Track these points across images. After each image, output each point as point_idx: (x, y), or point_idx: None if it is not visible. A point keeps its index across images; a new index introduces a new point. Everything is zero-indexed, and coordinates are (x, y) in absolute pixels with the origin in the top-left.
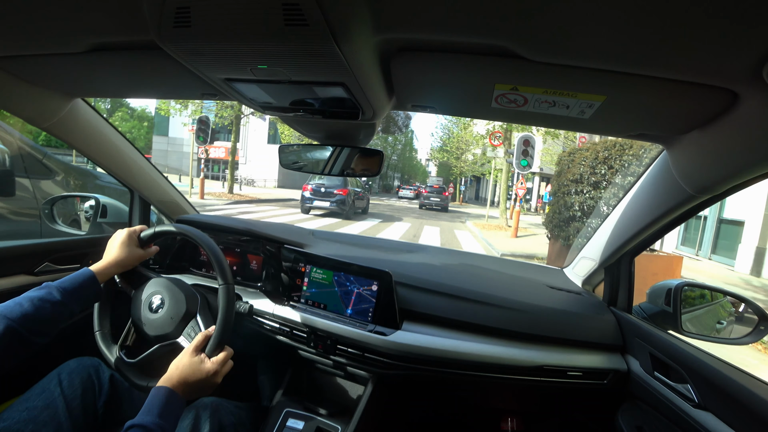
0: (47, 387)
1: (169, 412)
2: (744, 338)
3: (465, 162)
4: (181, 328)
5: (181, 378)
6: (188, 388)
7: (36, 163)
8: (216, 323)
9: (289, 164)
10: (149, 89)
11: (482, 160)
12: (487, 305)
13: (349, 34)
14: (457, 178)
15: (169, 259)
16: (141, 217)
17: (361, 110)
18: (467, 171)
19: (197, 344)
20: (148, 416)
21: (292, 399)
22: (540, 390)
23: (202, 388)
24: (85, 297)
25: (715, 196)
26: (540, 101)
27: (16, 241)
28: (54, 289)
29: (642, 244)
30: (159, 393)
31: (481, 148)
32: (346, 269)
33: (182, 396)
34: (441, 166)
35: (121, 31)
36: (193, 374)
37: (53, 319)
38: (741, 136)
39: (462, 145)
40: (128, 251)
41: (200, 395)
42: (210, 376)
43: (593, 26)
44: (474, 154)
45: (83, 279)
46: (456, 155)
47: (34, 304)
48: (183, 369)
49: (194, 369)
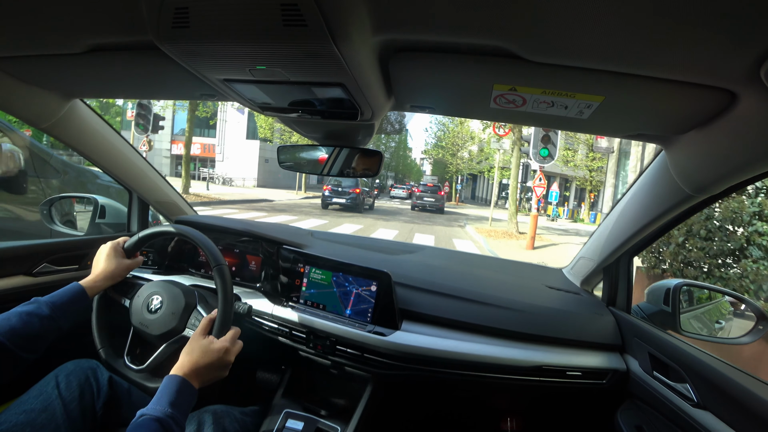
0: (45, 389)
1: (180, 401)
2: (742, 338)
3: (461, 159)
4: (184, 321)
5: (193, 363)
6: (201, 372)
7: (44, 164)
8: (218, 307)
9: (288, 164)
10: (148, 90)
11: (479, 157)
12: (487, 305)
13: (347, 34)
14: (453, 176)
15: (167, 260)
16: (139, 218)
17: (359, 111)
18: (464, 168)
19: (203, 328)
20: (159, 405)
21: (291, 399)
22: (539, 390)
23: (215, 369)
24: (74, 311)
25: (713, 196)
26: (538, 101)
27: (14, 242)
28: (43, 303)
29: (641, 244)
30: (170, 382)
31: (477, 144)
32: (345, 270)
33: (198, 382)
34: (436, 164)
35: (120, 31)
36: (204, 356)
37: (42, 334)
38: (739, 136)
39: (458, 140)
40: (116, 263)
41: (215, 376)
42: (222, 354)
43: (591, 27)
44: (470, 151)
45: (72, 293)
46: (452, 151)
47: (23, 320)
48: (193, 354)
49: (204, 351)
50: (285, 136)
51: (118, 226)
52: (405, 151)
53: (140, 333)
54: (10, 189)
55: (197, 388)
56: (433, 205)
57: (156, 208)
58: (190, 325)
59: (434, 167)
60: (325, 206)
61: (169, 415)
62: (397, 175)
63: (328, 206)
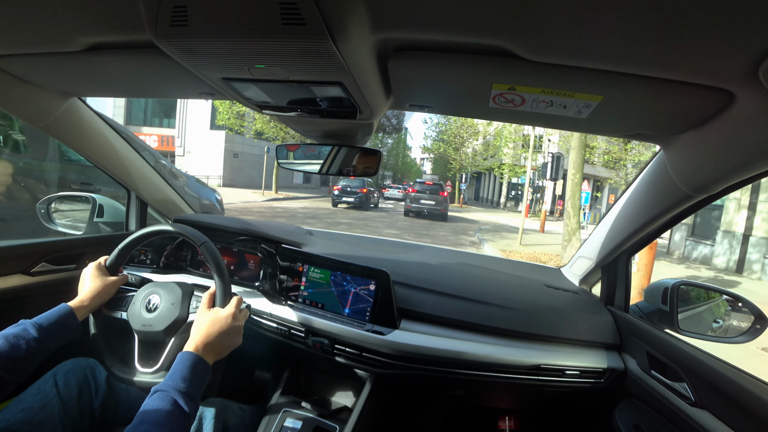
0: (43, 388)
1: (193, 376)
2: (740, 337)
3: (465, 155)
4: (186, 308)
5: (203, 336)
6: (214, 344)
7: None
8: (214, 281)
9: (287, 163)
10: (146, 88)
11: (486, 153)
12: (485, 304)
13: (346, 33)
14: (456, 174)
15: (165, 259)
16: (138, 217)
17: (358, 110)
18: (468, 165)
19: (206, 303)
20: (171, 381)
21: (290, 399)
22: (537, 389)
23: (228, 336)
24: (61, 333)
25: (711, 196)
26: (537, 101)
27: (11, 240)
28: (30, 325)
29: (639, 243)
30: (183, 358)
31: (482, 137)
32: (344, 269)
33: (212, 355)
34: (436, 162)
35: (119, 30)
36: (213, 326)
37: (28, 357)
38: (737, 135)
39: (462, 132)
40: (101, 281)
41: (229, 345)
42: (230, 320)
43: (590, 26)
44: (474, 147)
45: (60, 315)
46: (455, 145)
47: (9, 342)
48: (201, 328)
49: (211, 321)
50: (257, 125)
51: (117, 225)
52: (404, 150)
53: (145, 336)
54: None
55: (212, 362)
56: (433, 210)
57: (154, 206)
58: (193, 310)
59: (435, 165)
60: (335, 204)
61: (182, 390)
62: (395, 175)
63: (338, 205)
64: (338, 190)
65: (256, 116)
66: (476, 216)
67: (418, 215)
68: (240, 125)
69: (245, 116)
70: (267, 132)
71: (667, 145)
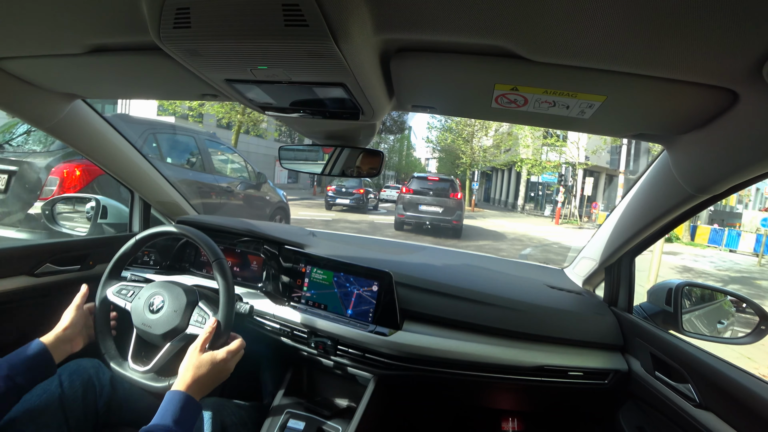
0: (48, 388)
1: (184, 418)
2: (744, 338)
3: (477, 147)
4: (186, 318)
5: (194, 378)
6: (203, 385)
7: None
8: (219, 311)
9: (290, 164)
10: (149, 90)
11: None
12: (488, 305)
13: (348, 34)
14: (467, 170)
15: (169, 260)
16: (141, 218)
17: (361, 111)
18: (480, 161)
19: (203, 342)
20: (163, 422)
21: (293, 399)
22: (541, 390)
23: (216, 380)
24: (33, 370)
25: (715, 196)
26: (540, 101)
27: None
28: (2, 362)
29: (642, 244)
30: (174, 398)
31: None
32: (347, 270)
33: (200, 394)
34: (442, 159)
35: (122, 32)
36: (205, 372)
37: (1, 394)
38: (741, 135)
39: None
40: (79, 312)
41: (216, 384)
42: (223, 366)
43: (593, 26)
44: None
45: (33, 352)
46: (465, 136)
47: None
48: (194, 370)
49: (205, 365)
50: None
51: (120, 226)
52: (408, 149)
53: (143, 334)
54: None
55: (199, 399)
56: (439, 222)
57: (157, 208)
58: (193, 322)
59: (440, 163)
60: (329, 207)
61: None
62: (398, 174)
63: (332, 207)
64: (332, 190)
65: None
66: (496, 224)
67: (416, 229)
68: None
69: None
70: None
71: (671, 146)
